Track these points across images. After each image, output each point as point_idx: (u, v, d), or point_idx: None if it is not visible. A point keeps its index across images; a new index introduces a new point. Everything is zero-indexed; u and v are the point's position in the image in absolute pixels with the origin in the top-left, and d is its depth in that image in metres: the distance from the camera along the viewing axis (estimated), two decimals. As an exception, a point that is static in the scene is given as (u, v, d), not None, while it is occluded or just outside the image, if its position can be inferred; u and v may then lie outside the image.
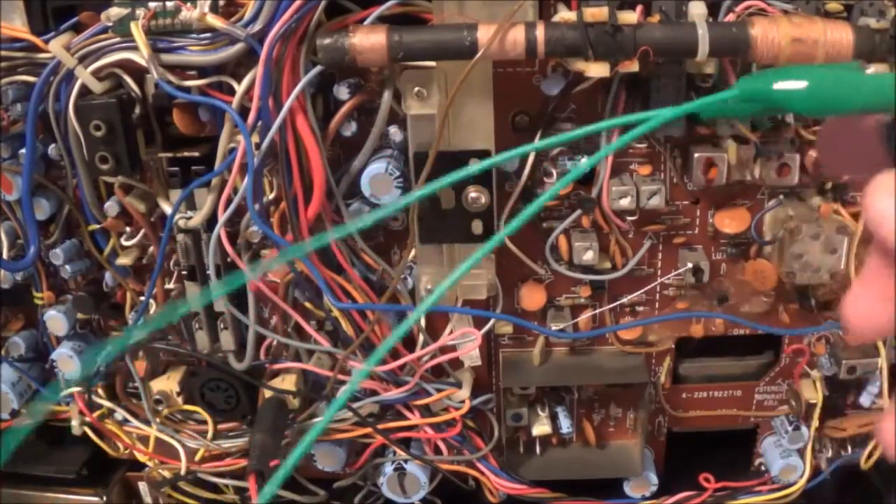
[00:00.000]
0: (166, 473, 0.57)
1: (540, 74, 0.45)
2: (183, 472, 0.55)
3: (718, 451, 0.57)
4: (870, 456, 0.54)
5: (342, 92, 0.44)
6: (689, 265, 0.48)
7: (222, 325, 0.50)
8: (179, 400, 0.53)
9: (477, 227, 0.44)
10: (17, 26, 0.43)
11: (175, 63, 0.42)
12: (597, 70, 0.39)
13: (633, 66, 0.39)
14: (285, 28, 0.40)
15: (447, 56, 0.39)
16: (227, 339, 0.50)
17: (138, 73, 0.43)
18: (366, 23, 0.41)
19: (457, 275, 0.24)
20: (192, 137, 0.45)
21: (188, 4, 0.41)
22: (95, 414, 0.55)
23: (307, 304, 0.49)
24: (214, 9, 0.41)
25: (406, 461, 0.53)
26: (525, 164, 0.46)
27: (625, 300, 0.51)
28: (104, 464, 0.59)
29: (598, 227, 0.48)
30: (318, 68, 0.41)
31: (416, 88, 0.41)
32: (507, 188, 0.47)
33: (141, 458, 0.56)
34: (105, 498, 0.58)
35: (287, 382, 0.52)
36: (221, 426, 0.55)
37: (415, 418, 0.52)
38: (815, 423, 0.53)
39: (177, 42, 0.42)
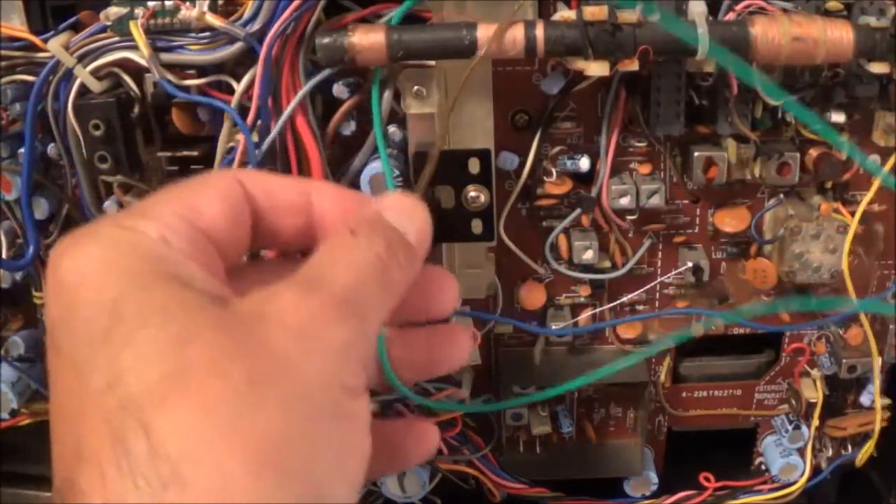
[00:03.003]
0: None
1: (539, 73, 0.45)
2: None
3: (718, 451, 0.57)
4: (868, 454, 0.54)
5: (341, 91, 0.44)
6: (689, 264, 0.48)
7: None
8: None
9: (477, 226, 0.44)
10: (16, 25, 0.43)
11: (174, 62, 0.42)
12: (596, 69, 0.39)
13: (632, 65, 0.39)
14: (284, 27, 0.40)
15: (446, 55, 0.39)
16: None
17: (137, 72, 0.43)
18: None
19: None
20: (191, 137, 0.45)
21: (187, 4, 0.41)
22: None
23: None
24: (213, 8, 0.41)
25: (406, 460, 0.53)
26: (525, 163, 0.46)
27: (625, 299, 0.51)
28: (104, 463, 0.59)
29: (597, 226, 0.48)
30: (326, 72, 0.41)
31: (416, 87, 0.41)
32: (507, 187, 0.47)
33: (141, 457, 0.56)
34: (105, 497, 0.58)
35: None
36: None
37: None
38: (816, 422, 0.53)
39: (176, 41, 0.42)
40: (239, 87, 0.42)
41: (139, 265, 0.22)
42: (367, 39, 0.39)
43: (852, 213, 0.47)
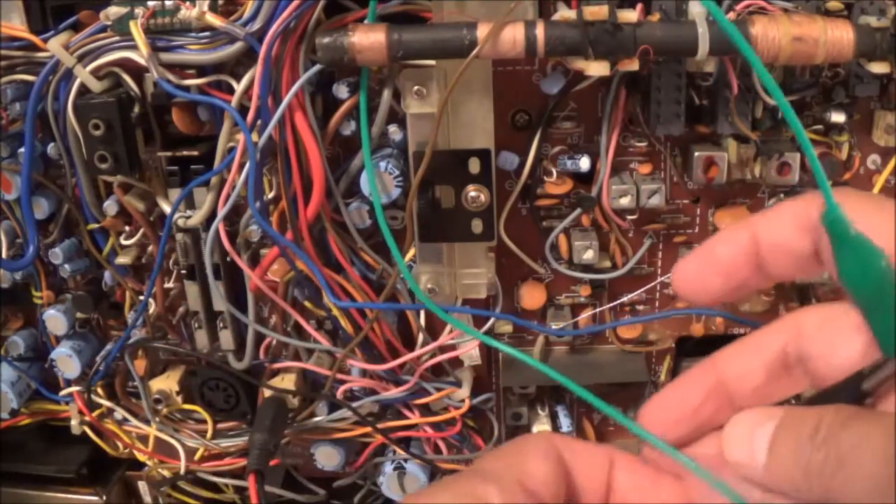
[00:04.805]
0: (166, 473, 0.57)
1: (540, 73, 0.45)
2: (182, 471, 0.55)
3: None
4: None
5: (342, 91, 0.44)
6: (690, 264, 0.48)
7: (221, 325, 0.50)
8: (179, 399, 0.53)
9: (477, 225, 0.44)
10: (16, 25, 0.43)
11: (174, 62, 0.42)
12: (596, 69, 0.39)
13: (633, 65, 0.39)
14: (284, 26, 0.40)
15: (446, 55, 0.39)
16: (226, 339, 0.50)
17: (137, 72, 0.43)
18: (366, 21, 0.40)
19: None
20: (191, 136, 0.45)
21: (187, 3, 0.41)
22: (95, 413, 0.55)
23: (307, 303, 0.49)
24: (213, 7, 0.41)
25: (406, 460, 0.53)
26: (525, 163, 0.46)
27: (625, 299, 0.51)
28: (104, 463, 0.59)
29: (598, 225, 0.48)
30: (318, 66, 0.41)
31: (416, 87, 0.41)
32: (507, 187, 0.47)
33: (140, 457, 0.56)
34: (105, 497, 0.58)
35: (286, 381, 0.52)
36: (221, 425, 0.55)
37: (414, 417, 0.52)
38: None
39: (176, 41, 0.42)
40: (239, 87, 0.42)
41: None
42: (367, 39, 0.39)
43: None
